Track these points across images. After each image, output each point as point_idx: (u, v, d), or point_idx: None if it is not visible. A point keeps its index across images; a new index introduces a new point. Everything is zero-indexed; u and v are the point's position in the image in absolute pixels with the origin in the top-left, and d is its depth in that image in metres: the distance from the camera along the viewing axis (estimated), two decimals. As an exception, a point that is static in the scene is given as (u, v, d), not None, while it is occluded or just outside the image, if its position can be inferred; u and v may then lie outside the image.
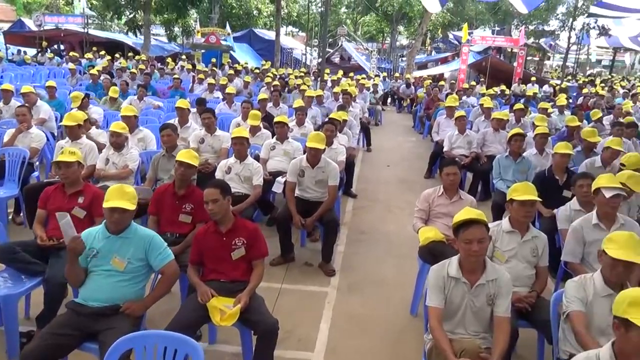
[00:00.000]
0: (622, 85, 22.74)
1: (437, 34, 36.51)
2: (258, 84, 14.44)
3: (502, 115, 7.68)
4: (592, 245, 3.47)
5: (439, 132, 8.76)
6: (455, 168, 4.07)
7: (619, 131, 7.10)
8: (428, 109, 12.28)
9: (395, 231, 5.95)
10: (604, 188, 3.46)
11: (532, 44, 32.75)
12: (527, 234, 3.35)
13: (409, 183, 8.14)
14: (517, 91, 18.11)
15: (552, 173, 5.13)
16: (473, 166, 7.31)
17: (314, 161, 4.92)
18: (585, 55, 39.34)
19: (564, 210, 4.17)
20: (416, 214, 4.22)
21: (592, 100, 14.08)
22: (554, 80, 22.92)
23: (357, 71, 22.79)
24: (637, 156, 4.86)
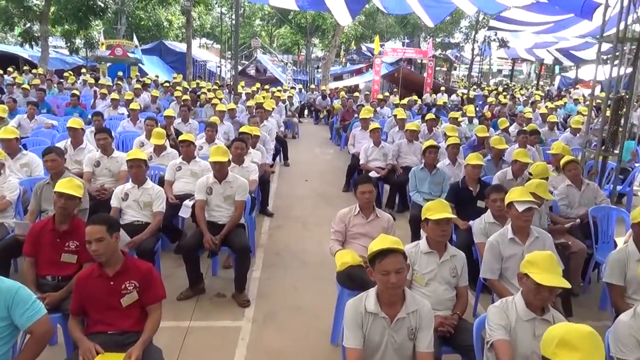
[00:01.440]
0: (522, 93, 24.33)
1: (351, 46, 37.20)
2: (168, 98, 13.72)
3: (415, 126, 7.72)
4: (509, 260, 3.39)
5: (355, 145, 8.67)
6: (370, 185, 3.87)
7: (524, 139, 7.35)
8: (344, 120, 12.26)
9: (313, 250, 5.68)
10: (516, 202, 3.41)
11: (439, 55, 34.28)
12: (445, 254, 3.20)
13: (327, 197, 7.95)
14: (428, 101, 18.75)
15: (465, 184, 5.12)
16: (390, 178, 7.25)
17: (220, 176, 4.67)
18: (488, 66, 41.86)
19: (478, 223, 4.12)
20: (332, 236, 3.97)
21: (497, 108, 14.83)
22: (461, 89, 24.04)
23: (273, 83, 22.56)
24: (543, 165, 4.96)
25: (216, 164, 4.62)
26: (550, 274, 2.39)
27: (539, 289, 2.40)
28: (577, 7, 8.69)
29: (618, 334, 2.40)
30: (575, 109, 16.64)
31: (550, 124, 10.21)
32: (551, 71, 42.60)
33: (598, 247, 4.70)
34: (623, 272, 3.22)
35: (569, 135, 9.07)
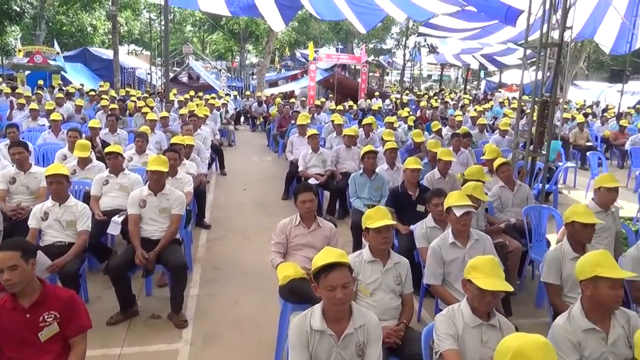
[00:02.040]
0: (451, 97, 25.24)
1: (285, 52, 37.22)
2: (94, 107, 13.01)
3: (352, 132, 7.72)
4: (451, 265, 3.39)
5: (293, 151, 8.56)
6: (310, 194, 3.76)
7: (457, 142, 7.55)
8: (281, 127, 12.12)
9: (253, 261, 5.49)
10: (454, 207, 3.42)
11: (372, 61, 35.05)
12: (388, 262, 3.14)
13: (266, 206, 7.77)
14: (364, 106, 19.02)
15: (405, 188, 5.14)
16: (329, 184, 7.19)
17: (157, 187, 4.40)
18: (419, 71, 43.27)
19: (420, 228, 4.11)
20: (273, 248, 3.82)
21: (429, 112, 15.27)
22: (394, 94, 24.61)
23: (207, 90, 22.06)
24: (478, 168, 5.07)
25: (154, 173, 4.35)
26: (493, 278, 2.38)
27: (483, 294, 2.37)
28: (501, 13, 9.07)
29: (555, 338, 2.43)
30: (501, 111, 17.47)
31: (480, 127, 10.60)
32: (477, 76, 44.71)
33: (532, 245, 4.85)
34: (559, 271, 3.30)
35: (498, 137, 9.43)
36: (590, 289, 2.38)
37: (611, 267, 2.35)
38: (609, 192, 4.30)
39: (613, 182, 4.30)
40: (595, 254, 2.45)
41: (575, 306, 2.48)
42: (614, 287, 2.32)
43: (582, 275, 2.42)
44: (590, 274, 2.37)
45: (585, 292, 2.41)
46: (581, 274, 2.43)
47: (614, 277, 2.31)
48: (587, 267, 2.40)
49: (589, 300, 2.41)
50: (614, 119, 15.02)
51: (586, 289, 2.40)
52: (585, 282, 2.40)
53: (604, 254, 2.42)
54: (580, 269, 2.45)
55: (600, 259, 2.39)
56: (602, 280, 2.33)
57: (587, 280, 2.39)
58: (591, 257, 2.44)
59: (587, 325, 2.39)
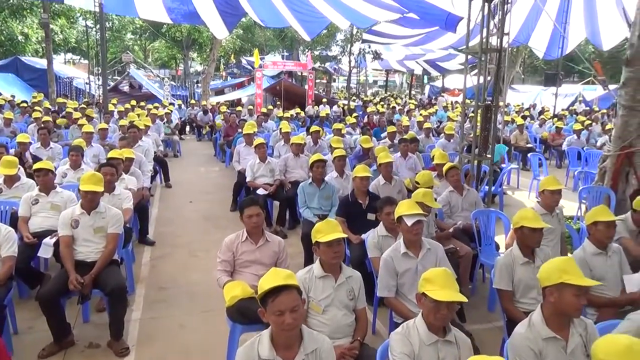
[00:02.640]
0: (398, 102, 25.68)
1: (231, 60, 36.70)
2: (27, 119, 12.25)
3: (299, 140, 7.59)
4: (404, 276, 3.31)
5: (240, 161, 8.33)
6: (256, 208, 3.59)
7: (405, 147, 7.59)
8: (227, 136, 11.83)
9: (201, 280, 5.22)
10: (405, 216, 3.34)
11: (319, 67, 35.17)
12: (340, 276, 3.02)
13: (215, 219, 7.50)
14: (311, 113, 18.98)
15: (355, 197, 5.05)
16: (278, 194, 7.02)
17: (90, 206, 4.06)
18: (364, 77, 43.84)
19: (372, 237, 4.03)
20: (219, 266, 3.61)
21: (376, 117, 15.40)
22: (342, 100, 24.77)
23: (150, 100, 21.37)
24: (429, 174, 5.07)
25: (88, 193, 4.03)
26: (448, 290, 2.30)
27: (438, 307, 2.29)
28: (441, 20, 9.23)
29: (515, 346, 2.37)
30: (445, 115, 17.91)
31: (426, 131, 10.75)
32: (421, 81, 45.85)
33: (482, 249, 4.87)
34: (511, 277, 3.29)
35: (444, 141, 9.58)
36: (554, 295, 2.32)
37: (577, 275, 2.31)
38: (552, 195, 4.38)
39: (556, 185, 4.39)
40: (561, 261, 2.40)
41: (535, 313, 2.43)
42: (578, 295, 2.28)
43: (547, 281, 2.36)
44: (556, 280, 2.31)
45: (548, 299, 2.35)
46: (546, 280, 2.37)
47: (580, 284, 2.27)
48: (553, 273, 2.34)
49: (551, 307, 2.36)
50: (550, 121, 15.72)
51: (550, 296, 2.34)
52: (550, 288, 2.34)
53: (569, 261, 2.38)
54: (546, 274, 2.38)
55: (567, 266, 2.34)
56: (567, 288, 2.28)
57: (552, 286, 2.33)
58: (557, 263, 2.39)
59: (548, 333, 2.34)
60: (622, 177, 6.29)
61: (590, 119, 16.00)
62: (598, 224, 3.45)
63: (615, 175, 6.26)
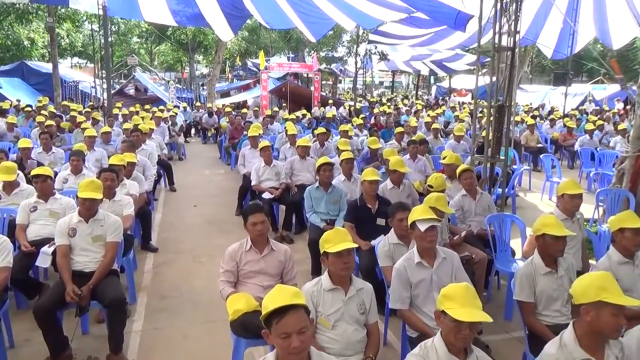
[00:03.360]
0: (404, 103, 25.46)
1: (236, 62, 36.60)
2: (31, 124, 12.16)
3: (305, 142, 7.40)
4: (418, 287, 3.11)
5: (246, 164, 8.15)
6: (261, 215, 3.40)
7: (414, 149, 7.39)
8: (233, 138, 11.68)
9: (205, 287, 5.05)
10: (418, 221, 3.15)
11: (324, 69, 35.00)
12: (350, 289, 2.83)
13: (219, 224, 7.33)
14: (317, 114, 18.81)
15: (363, 201, 4.86)
16: (284, 198, 6.84)
17: (88, 214, 3.90)
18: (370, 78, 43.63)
19: (382, 245, 3.83)
20: (222, 277, 3.43)
21: (383, 118, 15.20)
22: (348, 102, 24.57)
23: (156, 103, 21.29)
24: (441, 177, 4.87)
25: (86, 201, 3.87)
26: (470, 308, 2.11)
27: (459, 327, 2.09)
28: (450, 18, 9.01)
29: None
30: (453, 116, 17.67)
31: (435, 132, 10.53)
32: (427, 82, 45.58)
33: (497, 255, 4.66)
34: (532, 288, 3.09)
35: (454, 143, 9.37)
36: (591, 314, 2.12)
37: (617, 293, 2.11)
38: (572, 199, 4.15)
39: (577, 189, 4.16)
40: (598, 276, 2.19)
41: (567, 332, 2.22)
42: (617, 314, 2.08)
43: (584, 298, 2.15)
44: (593, 298, 2.11)
45: (583, 317, 2.15)
46: (582, 297, 2.16)
47: (621, 304, 2.06)
48: (590, 290, 2.14)
49: (586, 326, 2.15)
50: (561, 121, 15.44)
51: (586, 314, 2.13)
52: (586, 306, 2.13)
53: (607, 277, 2.17)
54: (581, 290, 2.18)
55: (605, 282, 2.14)
56: (606, 306, 2.07)
57: (588, 304, 2.13)
58: (594, 279, 2.18)
59: (582, 355, 2.14)
60: (642, 179, 6.06)
61: (602, 119, 15.70)
62: (625, 231, 3.24)
63: (634, 177, 6.02)
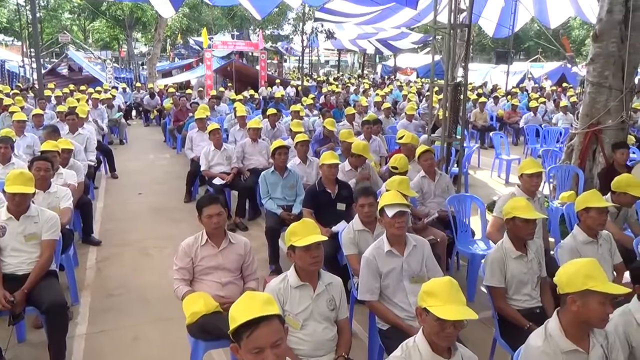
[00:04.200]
0: (352, 82, 25.35)
1: (178, 40, 35.18)
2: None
3: (256, 124, 7.07)
4: (388, 276, 2.96)
5: (193, 148, 7.75)
6: (217, 207, 3.12)
7: (368, 129, 7.24)
8: (177, 120, 11.13)
9: (155, 282, 4.72)
10: (386, 207, 2.98)
11: (270, 47, 34.26)
12: (319, 284, 2.63)
13: (167, 212, 6.92)
14: (265, 94, 18.37)
15: (322, 186, 4.66)
16: (236, 183, 6.53)
17: (18, 210, 3.48)
18: (317, 57, 43.23)
19: (347, 232, 3.64)
20: (176, 275, 3.14)
21: (333, 97, 15.02)
22: (295, 81, 24.16)
23: (92, 83, 20.08)
24: (404, 158, 4.73)
25: (15, 196, 3.44)
26: (454, 305, 1.96)
27: (443, 325, 1.94)
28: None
29: None
30: (401, 94, 17.74)
31: (386, 111, 10.47)
32: (373, 60, 45.70)
33: (457, 236, 4.61)
34: (503, 273, 3.01)
35: (405, 122, 9.32)
36: (577, 303, 2.01)
37: (604, 280, 2.00)
38: (531, 178, 4.12)
39: (534, 168, 4.13)
40: (584, 264, 2.08)
41: (552, 323, 2.12)
42: (604, 303, 1.98)
43: (569, 287, 2.04)
44: (580, 287, 2.00)
45: (569, 307, 2.04)
46: (567, 286, 2.05)
47: (609, 292, 1.97)
48: (577, 279, 2.01)
49: (572, 316, 2.05)
50: (504, 99, 15.82)
51: (572, 304, 2.03)
52: (573, 295, 2.03)
53: (593, 264, 2.06)
54: (567, 279, 2.06)
55: (591, 270, 2.03)
56: (593, 295, 1.97)
57: (575, 293, 2.02)
58: (580, 267, 2.06)
59: (568, 346, 2.04)
60: (590, 156, 6.20)
61: (542, 96, 16.23)
62: (590, 210, 3.21)
63: (583, 153, 6.15)
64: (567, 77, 28.25)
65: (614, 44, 5.72)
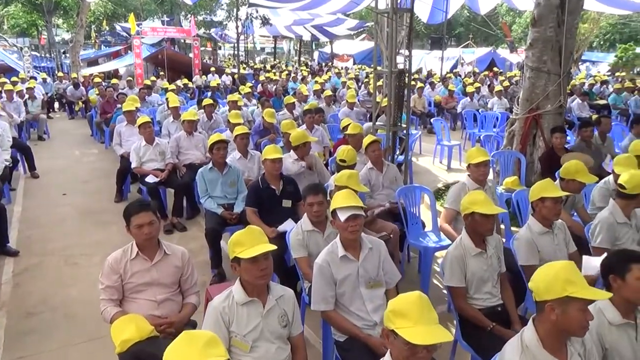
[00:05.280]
0: (289, 69, 24.93)
1: (103, 26, 33.18)
2: None
3: (191, 116, 6.59)
4: (344, 284, 2.71)
5: (122, 144, 7.15)
6: (148, 214, 2.73)
7: (310, 118, 6.97)
8: (105, 113, 10.34)
9: (83, 296, 4.24)
10: (339, 209, 2.72)
11: (203, 34, 33.07)
12: (269, 299, 2.35)
13: (96, 214, 6.35)
14: (200, 83, 17.63)
15: (266, 182, 4.34)
16: (172, 180, 6.06)
17: None
18: (252, 44, 42.25)
19: (295, 234, 3.36)
20: (103, 295, 2.74)
21: (271, 85, 14.61)
22: (230, 69, 23.41)
23: (8, 73, 18.44)
24: (352, 150, 4.49)
25: None
26: (426, 326, 1.73)
27: (414, 349, 1.71)
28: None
29: None
30: (339, 82, 17.60)
31: (327, 99, 10.22)
32: (309, 47, 45.35)
33: (408, 229, 4.45)
34: (463, 271, 2.84)
35: (347, 110, 9.13)
36: (557, 312, 1.83)
37: (584, 285, 1.83)
38: (478, 168, 4.01)
39: (479, 157, 4.01)
40: (563, 267, 1.88)
41: (528, 333, 1.94)
42: (585, 310, 1.82)
43: (548, 294, 1.85)
44: (559, 293, 1.81)
45: (548, 316, 1.86)
46: (546, 293, 1.86)
47: (590, 298, 1.80)
48: (555, 284, 1.83)
49: (550, 325, 1.87)
50: (440, 84, 16.05)
51: (551, 312, 1.84)
52: (552, 303, 1.84)
53: (571, 267, 1.89)
54: (544, 285, 1.87)
55: (570, 274, 1.85)
56: (573, 302, 1.80)
57: (554, 301, 1.84)
58: (560, 271, 1.87)
59: (546, 357, 1.87)
60: (530, 140, 6.26)
61: (476, 81, 16.59)
62: (546, 200, 3.11)
63: (524, 138, 6.20)
64: (497, 62, 29.34)
65: (552, 28, 5.75)
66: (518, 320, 2.84)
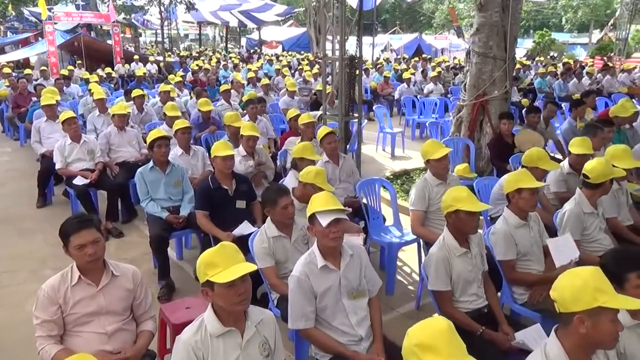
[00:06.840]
0: (218, 57, 24.02)
1: (8, 11, 30.35)
2: None
3: (121, 109, 5.95)
4: (325, 297, 2.43)
5: (43, 141, 6.37)
6: (92, 232, 2.28)
7: (253, 109, 6.59)
8: (18, 107, 9.30)
9: (8, 321, 3.66)
10: (319, 213, 2.43)
11: (123, 20, 31.15)
12: (248, 326, 2.02)
13: (16, 221, 5.63)
14: (123, 72, 16.53)
15: (217, 182, 3.95)
16: (104, 181, 5.46)
17: None
18: (175, 30, 40.49)
19: (259, 242, 3.01)
20: (39, 331, 2.27)
21: (201, 74, 13.95)
22: (155, 57, 22.20)
23: None
24: (310, 144, 4.17)
25: None
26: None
27: None
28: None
29: None
30: (272, 69, 17.16)
31: (265, 88, 9.81)
32: (236, 34, 44.16)
33: (370, 224, 4.24)
34: (449, 273, 2.65)
35: (288, 99, 8.81)
36: (587, 324, 1.65)
37: (614, 293, 1.65)
38: (439, 162, 3.81)
39: (439, 151, 3.80)
40: (592, 274, 1.68)
41: (552, 347, 1.73)
42: (616, 320, 1.64)
43: (578, 305, 1.65)
44: (590, 304, 1.62)
45: (577, 329, 1.67)
46: (574, 304, 1.66)
47: (625, 307, 1.61)
48: (585, 294, 1.63)
49: (579, 338, 1.68)
50: (374, 71, 16.06)
51: (580, 325, 1.66)
52: (581, 315, 1.65)
53: (599, 273, 1.69)
54: (571, 296, 1.67)
55: (599, 282, 1.65)
56: (605, 313, 1.62)
57: (584, 312, 1.65)
58: (589, 279, 1.67)
59: None
60: (477, 126, 6.26)
61: (408, 67, 16.77)
62: (522, 192, 2.98)
63: (472, 124, 6.19)
64: (423, 48, 30.06)
65: (497, 13, 5.73)
66: (505, 320, 2.70)
